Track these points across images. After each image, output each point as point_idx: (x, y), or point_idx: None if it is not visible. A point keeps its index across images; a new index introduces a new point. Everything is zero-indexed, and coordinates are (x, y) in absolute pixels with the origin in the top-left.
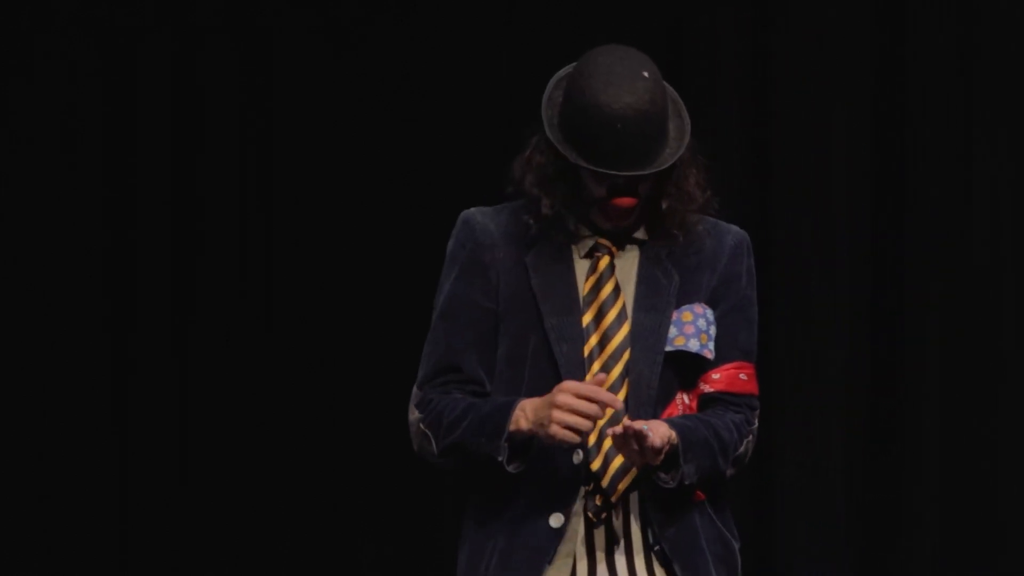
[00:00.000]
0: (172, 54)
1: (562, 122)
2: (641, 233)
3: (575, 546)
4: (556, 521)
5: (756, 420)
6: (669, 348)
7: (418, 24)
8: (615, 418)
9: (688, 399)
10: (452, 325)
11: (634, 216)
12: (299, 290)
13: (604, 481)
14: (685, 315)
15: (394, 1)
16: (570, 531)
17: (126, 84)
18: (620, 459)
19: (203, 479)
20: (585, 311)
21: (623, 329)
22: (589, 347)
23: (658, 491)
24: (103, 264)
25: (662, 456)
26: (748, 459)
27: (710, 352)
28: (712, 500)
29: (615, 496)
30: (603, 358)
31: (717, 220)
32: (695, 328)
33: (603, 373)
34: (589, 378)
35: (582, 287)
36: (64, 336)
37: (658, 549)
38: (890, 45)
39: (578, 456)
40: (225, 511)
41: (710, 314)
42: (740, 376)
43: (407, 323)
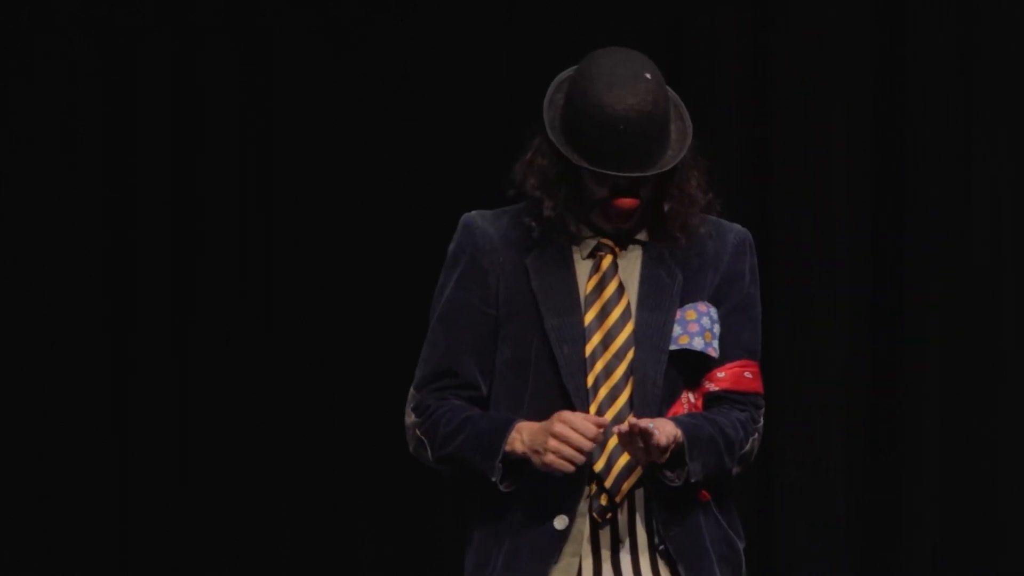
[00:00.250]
0: (172, 54)
1: (564, 124)
2: (643, 235)
3: (580, 546)
4: (560, 523)
5: (762, 418)
6: (674, 347)
7: (418, 24)
8: (620, 417)
9: (693, 398)
10: (450, 329)
11: (635, 218)
12: (299, 290)
13: (608, 481)
14: (689, 314)
15: (394, 1)
16: (575, 531)
17: (126, 84)
18: (624, 459)
19: (203, 479)
20: (587, 311)
21: (627, 328)
22: (592, 346)
23: (663, 491)
24: (103, 264)
25: (668, 454)
26: (754, 457)
27: (715, 350)
28: (717, 500)
29: (619, 496)
30: (607, 357)
31: (719, 219)
32: (699, 326)
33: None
34: (590, 379)
35: (584, 287)
36: (64, 336)
37: (663, 549)
38: (890, 45)
39: None
40: (225, 511)
41: (714, 312)
42: (745, 374)
43: (407, 323)
